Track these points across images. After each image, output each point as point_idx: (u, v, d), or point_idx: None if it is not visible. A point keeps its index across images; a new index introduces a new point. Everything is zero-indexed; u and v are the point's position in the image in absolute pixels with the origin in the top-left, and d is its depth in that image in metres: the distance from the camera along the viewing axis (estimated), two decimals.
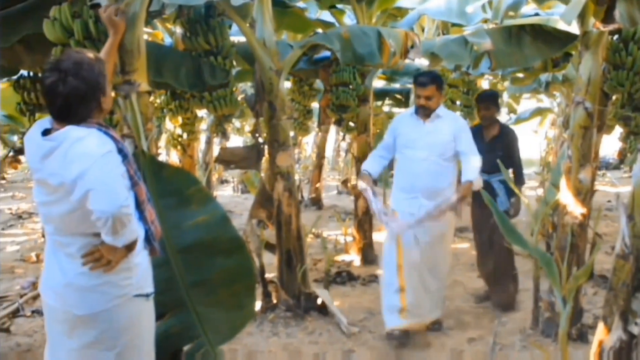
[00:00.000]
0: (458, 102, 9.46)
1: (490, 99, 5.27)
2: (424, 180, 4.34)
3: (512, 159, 5.08)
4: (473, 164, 4.33)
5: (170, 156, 12.66)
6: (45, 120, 2.39)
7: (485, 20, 6.81)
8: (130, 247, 2.33)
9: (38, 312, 5.19)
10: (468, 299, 5.64)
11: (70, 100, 2.28)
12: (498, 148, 5.04)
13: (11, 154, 12.15)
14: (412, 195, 4.38)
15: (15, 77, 4.62)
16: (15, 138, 13.79)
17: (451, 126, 4.42)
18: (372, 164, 4.60)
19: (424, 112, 4.40)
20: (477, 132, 4.92)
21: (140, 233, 2.42)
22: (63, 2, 3.59)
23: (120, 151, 2.34)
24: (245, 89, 10.64)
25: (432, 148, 4.35)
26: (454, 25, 7.48)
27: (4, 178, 19.10)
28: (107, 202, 2.16)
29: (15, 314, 5.29)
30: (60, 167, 2.22)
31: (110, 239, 2.23)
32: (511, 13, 6.60)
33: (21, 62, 4.39)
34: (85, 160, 2.19)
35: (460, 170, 4.50)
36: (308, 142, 18.62)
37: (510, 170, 5.03)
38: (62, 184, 2.23)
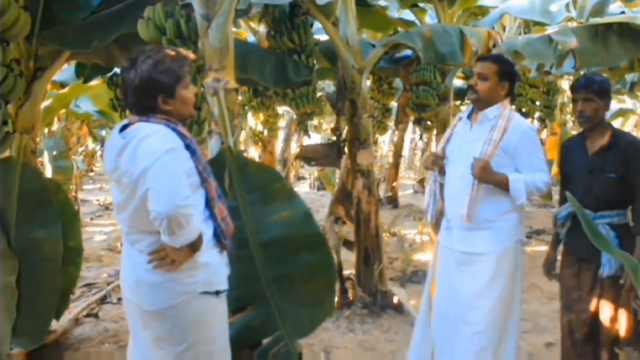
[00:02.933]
0: (537, 103, 9.23)
1: (592, 87, 3.08)
2: (459, 206, 3.13)
3: (630, 186, 3.02)
4: (532, 177, 3.06)
5: (249, 152, 12.92)
6: (125, 120, 2.43)
7: (570, 19, 6.63)
8: (194, 248, 2.30)
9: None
10: (545, 302, 5.51)
11: (127, 90, 2.37)
12: (607, 167, 3.06)
13: (103, 147, 12.71)
14: (449, 224, 3.27)
15: (109, 74, 4.82)
16: (104, 133, 14.42)
17: (503, 132, 3.07)
18: None
19: (471, 96, 3.17)
20: (578, 143, 3.26)
21: (208, 231, 2.40)
22: (156, 3, 3.74)
23: (188, 147, 2.33)
24: (323, 86, 10.73)
25: (469, 162, 3.05)
26: (536, 24, 7.32)
27: (92, 170, 19.94)
28: (162, 202, 2.14)
29: (103, 300, 5.53)
30: (130, 165, 2.23)
31: (168, 239, 2.22)
32: (597, 11, 6.41)
33: (115, 61, 4.58)
34: (147, 157, 2.18)
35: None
36: (384, 141, 18.60)
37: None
38: (131, 181, 2.24)
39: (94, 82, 5.80)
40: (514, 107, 3.26)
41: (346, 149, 5.35)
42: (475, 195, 3.04)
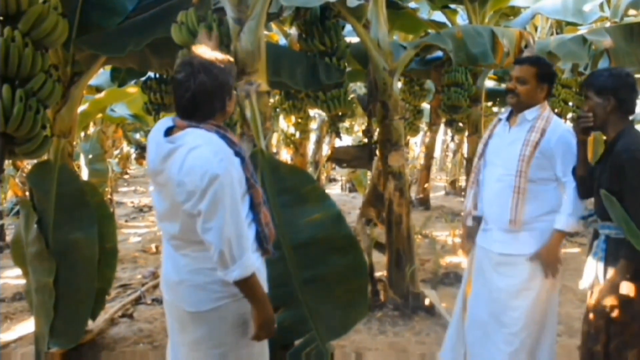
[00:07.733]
0: (570, 103, 9.12)
1: (589, 83, 2.90)
2: (496, 208, 3.17)
3: (624, 200, 2.65)
4: (568, 200, 3.03)
5: (281, 155, 12.98)
6: (168, 119, 2.34)
7: (603, 19, 6.55)
8: (258, 296, 2.26)
9: (157, 301, 5.48)
10: (578, 305, 5.43)
11: (198, 96, 2.20)
12: (603, 179, 2.79)
13: (138, 150, 12.90)
14: (487, 226, 3.28)
15: (143, 78, 4.90)
16: (138, 136, 14.64)
17: (542, 134, 3.07)
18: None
19: (511, 100, 3.15)
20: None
21: (250, 235, 2.32)
22: (189, 7, 3.79)
23: (238, 154, 2.26)
24: (355, 89, 10.73)
25: (508, 164, 3.08)
26: (568, 24, 7.24)
27: (127, 173, 20.24)
28: (217, 234, 2.12)
29: (137, 301, 5.61)
30: (177, 174, 2.15)
31: (222, 273, 2.18)
32: (632, 11, 6.33)
33: (149, 65, 4.66)
34: (201, 175, 2.10)
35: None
36: (416, 143, 18.54)
37: None
38: (180, 193, 2.16)
39: (130, 88, 5.91)
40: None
41: (377, 151, 5.35)
42: (520, 199, 3.04)
